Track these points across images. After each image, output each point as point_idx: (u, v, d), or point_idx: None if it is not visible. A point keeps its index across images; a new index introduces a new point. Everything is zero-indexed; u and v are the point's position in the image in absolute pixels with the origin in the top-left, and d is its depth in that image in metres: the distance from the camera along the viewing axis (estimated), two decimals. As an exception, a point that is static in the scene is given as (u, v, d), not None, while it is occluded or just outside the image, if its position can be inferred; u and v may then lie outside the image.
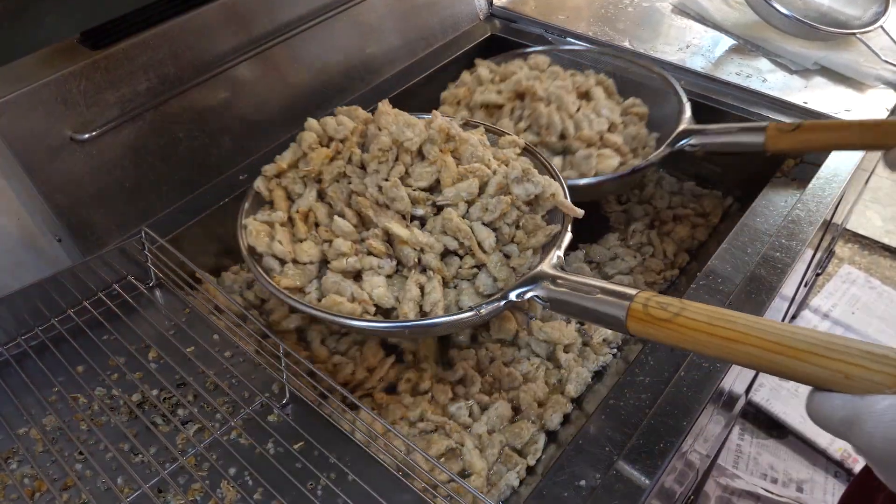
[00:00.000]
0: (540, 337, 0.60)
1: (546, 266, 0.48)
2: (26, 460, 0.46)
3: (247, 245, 0.54)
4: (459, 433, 0.54)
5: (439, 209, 0.56)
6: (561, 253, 0.50)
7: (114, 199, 0.61)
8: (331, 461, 0.44)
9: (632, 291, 0.41)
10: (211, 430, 0.47)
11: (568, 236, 0.52)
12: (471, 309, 0.48)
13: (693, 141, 0.66)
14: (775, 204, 0.65)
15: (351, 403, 0.52)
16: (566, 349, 0.60)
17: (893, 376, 0.30)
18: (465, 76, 0.78)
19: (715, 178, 0.81)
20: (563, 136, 0.69)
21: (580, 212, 0.53)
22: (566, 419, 0.55)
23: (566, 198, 0.55)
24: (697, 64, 0.82)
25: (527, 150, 0.61)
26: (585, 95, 0.74)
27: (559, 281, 0.46)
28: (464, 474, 0.52)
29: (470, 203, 0.55)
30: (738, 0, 0.91)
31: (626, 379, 0.50)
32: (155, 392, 0.50)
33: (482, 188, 0.55)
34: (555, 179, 0.56)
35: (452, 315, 0.49)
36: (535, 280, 0.47)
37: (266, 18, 0.70)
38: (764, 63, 0.83)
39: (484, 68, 0.77)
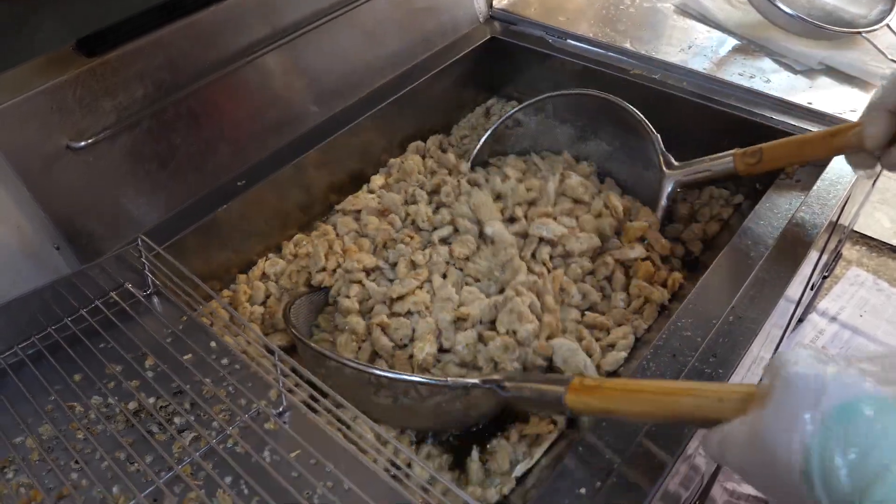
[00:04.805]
0: None
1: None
2: (22, 470, 0.46)
3: None
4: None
5: None
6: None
7: (111, 206, 0.61)
8: (327, 470, 0.44)
9: (566, 378, 0.47)
10: (207, 438, 0.47)
11: None
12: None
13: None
14: (779, 207, 0.64)
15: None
16: None
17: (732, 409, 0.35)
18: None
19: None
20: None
21: None
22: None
23: None
24: (700, 65, 0.81)
25: None
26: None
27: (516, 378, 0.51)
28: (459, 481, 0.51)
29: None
30: (740, -1, 0.90)
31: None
32: (151, 400, 0.50)
33: None
34: None
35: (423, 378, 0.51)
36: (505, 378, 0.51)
37: (262, 24, 0.69)
38: (767, 63, 0.81)
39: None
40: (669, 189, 0.70)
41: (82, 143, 0.57)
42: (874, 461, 0.27)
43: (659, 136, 0.70)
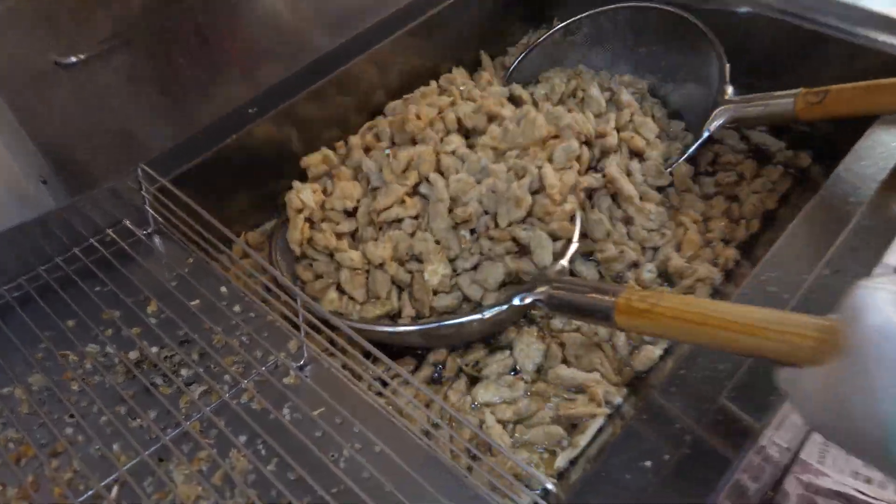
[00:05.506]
0: None
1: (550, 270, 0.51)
2: (11, 423, 0.41)
3: None
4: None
5: None
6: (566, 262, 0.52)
7: (107, 133, 0.54)
8: (355, 429, 0.38)
9: (618, 288, 0.43)
10: (219, 392, 0.41)
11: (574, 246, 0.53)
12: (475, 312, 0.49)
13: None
14: (885, 145, 0.54)
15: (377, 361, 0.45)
16: None
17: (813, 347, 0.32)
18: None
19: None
20: None
21: None
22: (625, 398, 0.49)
23: None
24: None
25: None
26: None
27: (556, 284, 0.48)
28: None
29: None
30: None
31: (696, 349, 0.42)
32: (155, 350, 0.44)
33: None
34: None
35: (456, 319, 0.49)
36: (537, 284, 0.48)
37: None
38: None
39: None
40: (720, 122, 0.61)
41: (73, 59, 0.50)
42: None
43: (729, 65, 0.62)
